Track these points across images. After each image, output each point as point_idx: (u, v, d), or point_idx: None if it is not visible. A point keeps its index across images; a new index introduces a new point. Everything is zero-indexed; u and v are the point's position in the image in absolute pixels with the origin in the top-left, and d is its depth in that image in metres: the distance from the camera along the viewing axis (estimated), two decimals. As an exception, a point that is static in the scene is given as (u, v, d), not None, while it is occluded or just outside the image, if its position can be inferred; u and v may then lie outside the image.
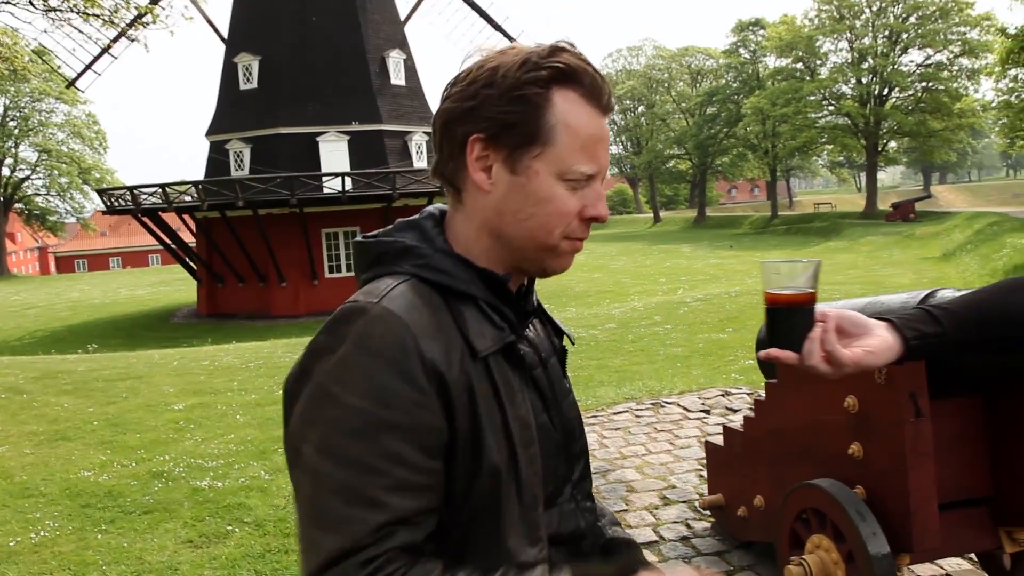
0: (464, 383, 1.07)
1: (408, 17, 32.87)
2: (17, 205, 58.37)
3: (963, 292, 2.98)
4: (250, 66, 29.43)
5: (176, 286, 36.88)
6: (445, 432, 1.05)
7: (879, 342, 1.32)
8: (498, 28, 32.23)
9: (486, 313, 1.14)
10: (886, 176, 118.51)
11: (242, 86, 29.67)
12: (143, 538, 4.65)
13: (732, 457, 3.86)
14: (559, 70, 1.11)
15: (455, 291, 1.12)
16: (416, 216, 1.23)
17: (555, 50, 1.13)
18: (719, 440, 4.00)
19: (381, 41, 30.41)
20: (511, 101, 1.10)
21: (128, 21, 13.48)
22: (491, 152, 1.12)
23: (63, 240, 72.23)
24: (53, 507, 5.23)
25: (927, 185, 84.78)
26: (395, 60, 30.68)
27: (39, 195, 58.92)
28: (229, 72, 30.19)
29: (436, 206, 1.26)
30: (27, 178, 57.75)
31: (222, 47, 30.88)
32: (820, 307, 3.70)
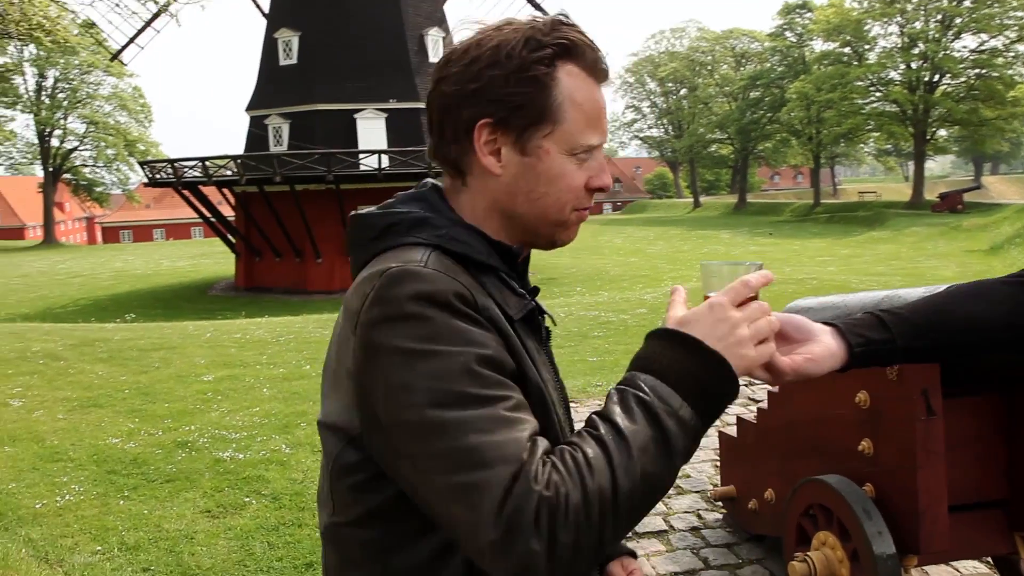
0: (512, 339, 1.09)
1: (448, -5, 32.77)
2: (66, 176, 59.52)
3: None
4: (290, 42, 29.60)
5: (216, 259, 37.42)
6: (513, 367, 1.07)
7: (822, 349, 1.26)
8: (538, 8, 31.97)
9: (507, 283, 1.15)
10: (935, 165, 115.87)
11: (282, 62, 29.87)
12: (163, 506, 4.74)
13: (745, 449, 3.83)
14: (563, 46, 1.11)
15: (475, 261, 1.13)
16: (416, 189, 1.22)
17: (556, 24, 1.12)
18: (733, 431, 3.97)
19: (420, 19, 30.38)
20: (519, 82, 1.09)
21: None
22: (499, 135, 1.12)
23: (109, 211, 73.61)
24: (80, 472, 5.36)
25: (978, 175, 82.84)
26: (434, 38, 30.63)
27: (86, 166, 59.99)
28: (269, 47, 30.39)
29: (432, 180, 1.26)
30: (75, 149, 58.78)
31: (263, 23, 31.08)
32: (839, 298, 3.61)
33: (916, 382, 2.75)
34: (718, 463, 4.55)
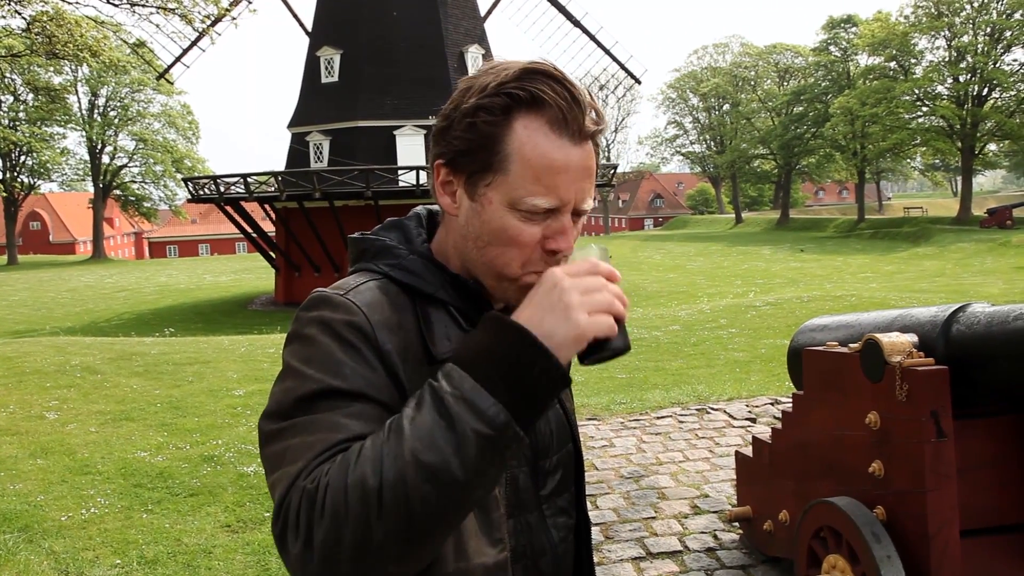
0: (418, 382, 1.04)
1: (488, 13, 33.01)
2: (115, 192, 61.03)
3: (997, 307, 2.83)
4: (332, 59, 30.05)
5: (258, 274, 37.98)
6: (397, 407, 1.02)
7: None
8: (577, 24, 32.08)
9: (455, 318, 1.14)
10: (985, 180, 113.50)
11: (324, 79, 30.31)
12: (184, 520, 4.80)
13: (760, 469, 3.76)
14: (517, 97, 1.06)
15: (424, 294, 1.13)
16: (406, 217, 1.24)
17: (524, 73, 1.07)
18: (750, 451, 3.90)
19: (460, 36, 30.63)
20: (467, 127, 1.08)
21: (212, 20, 13.91)
22: (454, 177, 1.12)
23: (157, 226, 75.20)
24: (107, 485, 5.46)
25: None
26: (473, 55, 30.87)
27: (135, 182, 61.45)
28: (312, 65, 30.87)
29: (425, 206, 1.27)
30: (125, 165, 60.29)
31: (306, 41, 31.60)
32: (852, 316, 3.54)
33: (926, 403, 2.68)
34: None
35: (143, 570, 4.15)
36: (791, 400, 3.46)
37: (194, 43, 27.26)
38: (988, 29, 45.79)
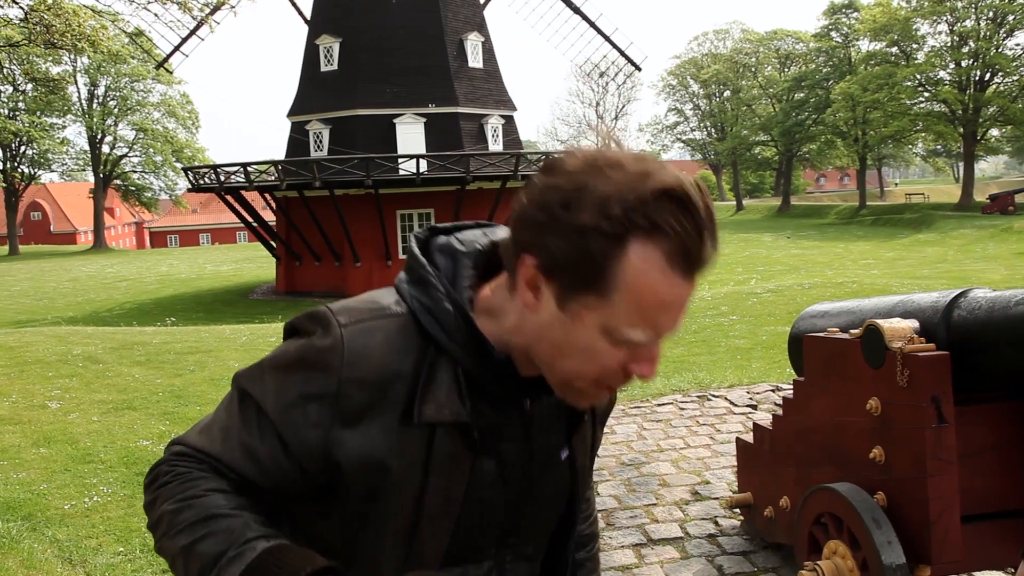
0: (382, 443, 1.08)
1: (487, 1, 32.86)
2: (116, 181, 60.99)
3: (998, 292, 2.83)
4: (331, 48, 29.95)
5: (259, 263, 37.98)
6: (318, 463, 1.10)
7: None
8: (577, 11, 31.95)
9: (459, 382, 1.09)
10: (988, 166, 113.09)
11: (323, 68, 30.22)
12: (187, 508, 4.82)
13: (761, 455, 3.77)
14: (640, 227, 0.95)
15: (439, 346, 1.09)
16: (464, 244, 1.16)
17: (656, 195, 0.95)
18: (750, 438, 3.91)
19: (459, 23, 30.51)
20: (574, 243, 0.97)
21: (210, 8, 13.84)
22: (543, 281, 1.01)
23: (157, 216, 75.19)
24: (109, 473, 5.47)
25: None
26: (473, 43, 30.75)
27: (135, 172, 61.42)
28: (311, 54, 30.78)
29: (490, 237, 1.18)
30: (125, 155, 60.24)
31: (305, 29, 31.49)
32: (853, 303, 3.54)
33: (926, 389, 2.68)
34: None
35: (146, 557, 4.16)
36: (792, 386, 3.46)
37: (192, 32, 27.19)
38: (991, 13, 45.61)
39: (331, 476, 1.10)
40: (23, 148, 55.99)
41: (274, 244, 29.70)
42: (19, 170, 56.36)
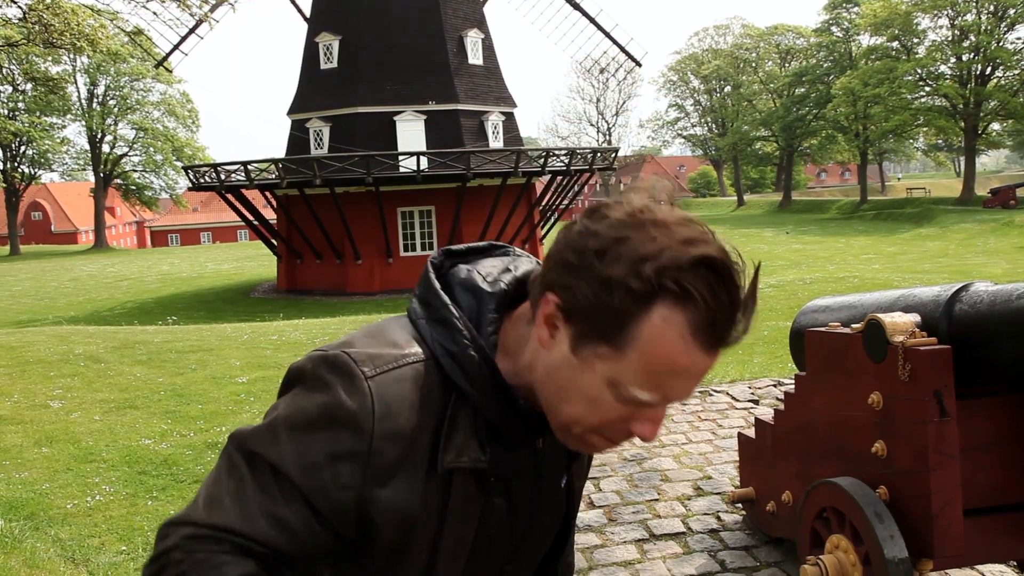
0: (411, 496, 1.06)
1: (488, -3, 32.82)
2: (116, 181, 61.00)
3: (1000, 286, 2.82)
4: (331, 46, 29.92)
5: (260, 261, 37.99)
6: (351, 524, 1.05)
7: None
8: (577, 7, 31.90)
9: (479, 429, 1.08)
10: (989, 160, 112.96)
11: (323, 65, 30.19)
12: (189, 506, 4.82)
13: (763, 450, 3.76)
14: (670, 291, 0.93)
15: (461, 392, 1.07)
16: (487, 281, 1.12)
17: (694, 262, 0.92)
18: (752, 432, 3.90)
19: (459, 20, 30.47)
20: (599, 295, 0.95)
21: (210, 6, 13.82)
22: (562, 322, 1.00)
23: (158, 215, 75.20)
24: (112, 472, 5.47)
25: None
26: (473, 40, 30.71)
27: (136, 171, 61.43)
28: (311, 51, 30.75)
29: (514, 269, 1.15)
30: (125, 155, 60.25)
31: (305, 27, 31.46)
32: (855, 297, 3.53)
33: (928, 383, 2.68)
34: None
35: (148, 556, 4.17)
36: (794, 381, 3.45)
37: (192, 30, 27.18)
38: (992, 7, 45.50)
39: (362, 537, 1.06)
40: (23, 148, 55.99)
41: (275, 242, 29.69)
42: (19, 170, 56.37)
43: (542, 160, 27.85)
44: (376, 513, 1.04)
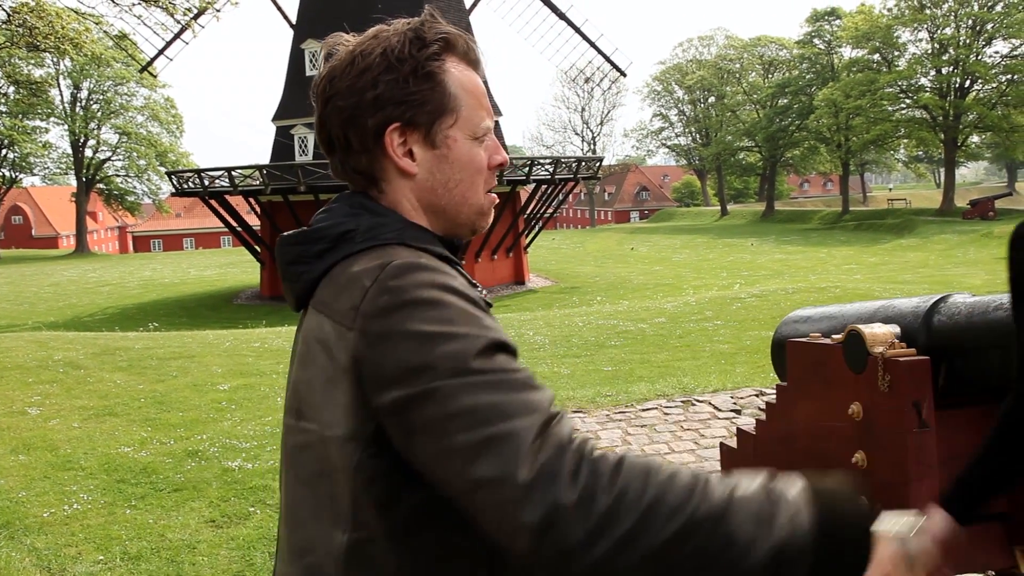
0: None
1: (473, 5, 32.91)
2: (98, 186, 60.55)
3: (978, 298, 2.84)
4: (316, 52, 29.88)
5: (243, 268, 37.78)
6: None
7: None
8: (562, 17, 32.03)
9: (464, 275, 1.15)
10: (968, 172, 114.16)
11: (308, 72, 30.14)
12: (168, 515, 4.77)
13: (745, 460, 3.76)
14: (445, 40, 1.17)
15: (437, 255, 1.14)
16: (344, 202, 1.19)
17: (432, 22, 1.18)
18: (734, 443, 3.91)
19: (445, 29, 30.55)
20: (417, 81, 1.14)
21: (194, 12, 13.78)
22: (408, 135, 1.16)
23: (141, 220, 74.72)
24: (90, 481, 5.41)
25: (1011, 182, 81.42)
26: (460, 48, 30.77)
27: (118, 176, 61.00)
28: (296, 58, 30.71)
29: (348, 201, 1.21)
30: (108, 159, 59.83)
31: (290, 34, 31.41)
32: (836, 308, 3.55)
33: (907, 393, 2.69)
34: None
35: (126, 566, 4.12)
36: (775, 391, 3.47)
37: (177, 36, 27.03)
38: (970, 21, 46.10)
39: None
40: (4, 151, 55.49)
41: (258, 249, 29.55)
42: (0, 173, 55.85)
43: (527, 169, 27.90)
44: None
